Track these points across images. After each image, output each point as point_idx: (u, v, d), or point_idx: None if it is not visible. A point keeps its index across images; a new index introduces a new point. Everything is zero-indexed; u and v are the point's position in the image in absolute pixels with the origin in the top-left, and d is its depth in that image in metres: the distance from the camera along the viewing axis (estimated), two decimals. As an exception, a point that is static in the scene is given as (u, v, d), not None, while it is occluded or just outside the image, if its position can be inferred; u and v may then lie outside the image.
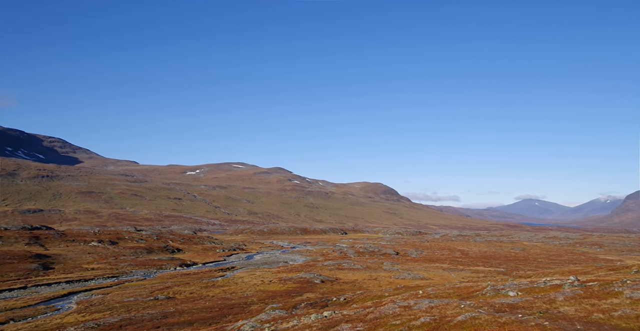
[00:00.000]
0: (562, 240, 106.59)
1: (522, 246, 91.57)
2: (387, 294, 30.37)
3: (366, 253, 71.88)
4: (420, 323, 12.87)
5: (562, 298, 16.31)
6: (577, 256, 70.76)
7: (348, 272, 49.88)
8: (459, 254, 72.91)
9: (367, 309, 17.01)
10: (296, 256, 70.78)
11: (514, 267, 55.47)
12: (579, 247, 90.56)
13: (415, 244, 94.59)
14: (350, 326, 13.11)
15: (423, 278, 45.46)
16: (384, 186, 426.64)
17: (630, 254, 76.54)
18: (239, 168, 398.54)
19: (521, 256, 70.91)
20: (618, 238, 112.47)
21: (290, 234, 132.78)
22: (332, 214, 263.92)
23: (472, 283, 34.85)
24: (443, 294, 25.68)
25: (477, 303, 16.86)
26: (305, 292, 35.57)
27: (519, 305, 15.76)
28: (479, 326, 11.40)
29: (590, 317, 12.32)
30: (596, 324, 11.43)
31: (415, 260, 64.06)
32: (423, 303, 16.22)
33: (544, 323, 11.64)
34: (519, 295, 19.50)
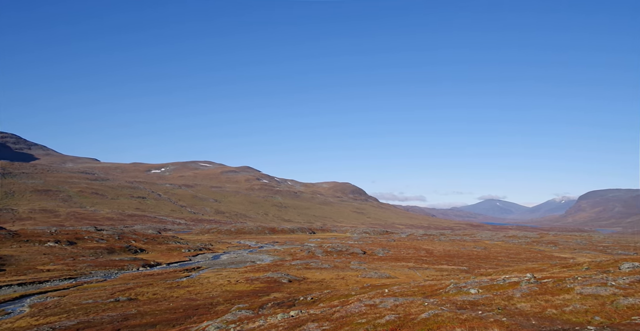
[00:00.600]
0: (521, 239, 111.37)
1: (483, 245, 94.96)
2: (354, 293, 30.67)
3: (334, 253, 72.32)
4: (385, 321, 13.07)
5: (519, 294, 17.02)
6: (535, 255, 74.15)
7: (316, 271, 50.01)
8: (424, 253, 74.70)
9: (334, 308, 17.11)
10: (264, 256, 70.24)
11: (476, 265, 57.41)
12: (536, 246, 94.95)
13: (382, 243, 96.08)
14: (317, 325, 13.14)
15: (389, 276, 46.23)
16: (352, 186, 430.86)
17: (581, 252, 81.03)
18: (206, 166, 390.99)
19: (483, 254, 73.51)
20: (571, 237, 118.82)
21: (258, 234, 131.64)
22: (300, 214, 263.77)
23: (436, 281, 35.78)
24: (408, 292, 26.22)
25: (440, 301, 17.32)
26: (273, 292, 35.37)
27: (480, 302, 16.31)
28: (441, 323, 11.71)
29: (544, 312, 12.92)
30: (549, 319, 12.01)
31: (382, 259, 65.06)
32: (388, 302, 16.49)
33: (502, 319, 12.10)
34: (480, 292, 20.20)
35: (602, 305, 12.91)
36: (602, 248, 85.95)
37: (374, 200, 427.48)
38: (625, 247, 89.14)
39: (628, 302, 12.64)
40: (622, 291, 14.51)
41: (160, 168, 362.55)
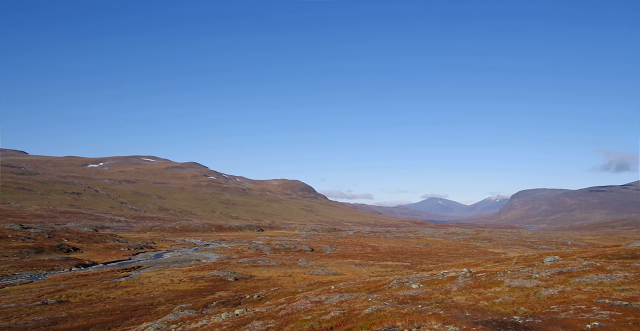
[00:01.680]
0: (460, 236, 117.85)
1: (426, 241, 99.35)
2: (300, 290, 30.83)
3: (282, 250, 72.17)
4: (330, 317, 13.28)
5: (455, 288, 18.02)
6: (471, 250, 78.84)
7: (263, 269, 49.62)
8: (371, 250, 76.73)
9: (280, 305, 17.10)
10: (210, 254, 68.49)
11: (419, 261, 59.93)
12: (473, 242, 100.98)
13: (330, 241, 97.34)
14: (262, 323, 13.06)
15: (336, 273, 46.98)
16: (301, 183, 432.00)
17: (512, 247, 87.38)
18: (150, 162, 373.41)
19: (425, 251, 76.92)
20: (504, 234, 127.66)
21: (205, 231, 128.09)
22: (249, 211, 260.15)
23: (381, 277, 36.93)
24: (353, 288, 26.82)
25: (384, 296, 17.91)
26: (218, 291, 34.61)
27: (420, 297, 17.07)
28: (384, 318, 12.11)
29: (477, 305, 13.80)
30: (481, 310, 12.85)
31: (330, 256, 65.94)
32: (334, 298, 16.76)
33: (440, 312, 12.76)
34: (421, 287, 21.14)
35: (527, 296, 14.02)
36: (529, 244, 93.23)
37: (323, 198, 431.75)
38: (549, 242, 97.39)
39: (548, 293, 13.83)
40: (544, 283, 15.86)
41: (98, 162, 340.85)
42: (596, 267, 18.20)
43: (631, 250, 28.22)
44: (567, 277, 16.76)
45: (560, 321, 10.21)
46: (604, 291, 13.17)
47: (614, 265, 18.49)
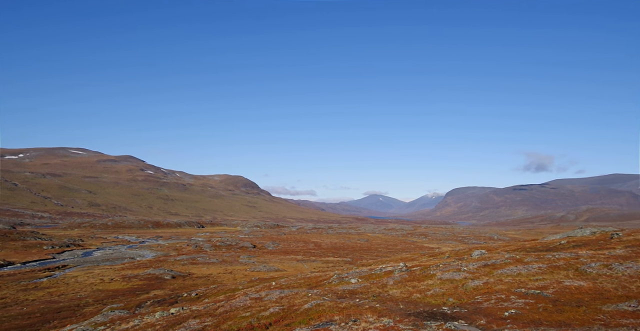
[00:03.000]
0: (398, 232, 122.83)
1: (366, 237, 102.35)
2: (241, 287, 30.43)
3: (223, 247, 70.65)
4: (269, 313, 13.27)
5: (392, 282, 18.80)
6: (409, 245, 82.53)
7: (203, 266, 48.27)
8: (313, 246, 77.54)
9: (219, 303, 16.76)
10: (145, 252, 65.28)
11: (359, 257, 61.61)
12: (410, 237, 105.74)
13: (273, 237, 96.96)
14: (198, 321, 12.73)
15: (278, 270, 46.93)
16: (245, 179, 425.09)
17: (446, 242, 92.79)
18: (79, 154, 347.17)
19: (365, 246, 79.23)
20: (438, 229, 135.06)
21: (140, 228, 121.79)
22: (189, 207, 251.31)
23: (322, 272, 37.48)
24: (294, 284, 26.98)
25: (323, 291, 18.22)
26: (153, 289, 33.15)
27: (358, 291, 17.59)
28: (322, 312, 12.34)
29: (411, 297, 14.52)
30: (414, 303, 13.55)
31: (272, 253, 65.70)
32: (274, 294, 16.76)
33: (376, 305, 13.26)
34: (359, 281, 21.79)
35: (456, 287, 14.99)
36: (461, 239, 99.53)
37: (266, 194, 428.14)
38: (478, 237, 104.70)
39: (474, 284, 14.90)
40: (471, 275, 17.05)
41: (17, 154, 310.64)
42: (516, 260, 19.87)
43: (546, 244, 31.15)
44: (491, 269, 18.15)
45: (483, 310, 11.05)
46: (521, 282, 14.44)
47: (530, 257, 20.30)
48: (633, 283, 12.16)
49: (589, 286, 12.24)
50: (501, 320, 9.64)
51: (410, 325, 9.70)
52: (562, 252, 21.41)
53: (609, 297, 10.74)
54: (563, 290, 12.16)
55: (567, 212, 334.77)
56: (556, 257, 19.01)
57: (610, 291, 11.37)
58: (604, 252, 19.33)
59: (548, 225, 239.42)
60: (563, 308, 10.14)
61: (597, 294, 11.25)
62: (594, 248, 22.61)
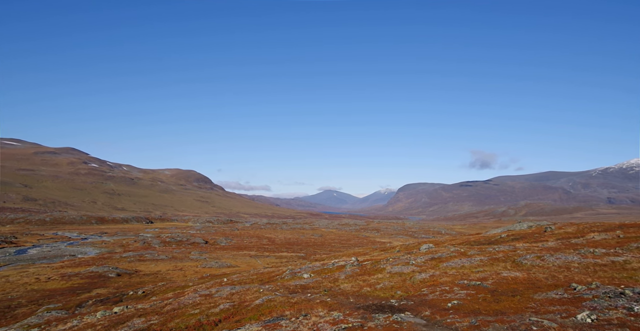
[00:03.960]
0: (352, 227, 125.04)
1: (320, 232, 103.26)
2: (191, 284, 29.65)
3: (173, 243, 68.42)
4: (219, 310, 13.05)
5: (343, 276, 19.13)
6: (361, 240, 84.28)
7: (151, 263, 46.48)
8: (267, 241, 77.07)
9: (166, 301, 16.23)
10: (88, 249, 61.74)
11: (313, 252, 62.06)
12: (363, 232, 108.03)
13: (226, 233, 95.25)
14: (144, 320, 12.25)
15: (230, 265, 46.20)
16: (197, 174, 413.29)
17: (397, 236, 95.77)
18: (13, 145, 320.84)
19: (319, 241, 79.92)
20: (390, 224, 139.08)
21: (83, 224, 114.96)
22: (137, 202, 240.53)
23: (275, 268, 37.37)
24: (247, 280, 26.70)
25: (275, 287, 18.19)
26: (96, 288, 31.47)
27: (310, 286, 17.73)
28: (273, 308, 12.32)
29: (361, 291, 14.86)
30: (364, 296, 13.88)
31: (225, 248, 64.54)
32: (225, 291, 16.49)
33: (327, 299, 13.44)
34: (312, 276, 21.96)
35: (404, 281, 15.53)
36: (411, 233, 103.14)
37: (219, 189, 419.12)
38: (427, 231, 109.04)
39: (421, 277, 15.52)
40: (419, 269, 17.74)
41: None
42: (460, 253, 20.92)
43: (488, 237, 33.04)
44: (438, 262, 18.97)
45: (428, 301, 11.54)
46: (464, 274, 15.23)
47: (474, 250, 21.46)
48: (561, 273, 13.21)
49: (524, 277, 13.14)
50: (444, 311, 10.12)
51: (359, 318, 9.92)
52: (502, 245, 22.82)
53: (540, 286, 11.60)
54: (501, 281, 12.96)
55: (508, 207, 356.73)
56: (496, 250, 20.23)
57: (542, 281, 12.28)
58: (538, 245, 20.82)
59: (491, 220, 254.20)
60: (500, 297, 10.82)
61: (531, 284, 12.11)
62: (529, 241, 24.29)
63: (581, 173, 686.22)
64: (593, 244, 18.04)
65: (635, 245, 16.13)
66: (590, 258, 15.00)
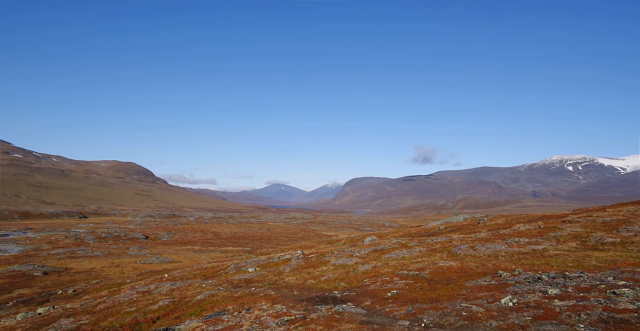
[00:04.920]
0: (299, 220, 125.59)
1: (267, 226, 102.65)
2: (129, 281, 28.25)
3: (110, 239, 64.65)
4: (157, 306, 12.57)
5: (288, 269, 19.21)
6: (308, 234, 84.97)
7: (84, 260, 43.61)
8: (212, 236, 75.25)
9: (100, 299, 15.33)
10: (9, 246, 56.56)
11: (259, 246, 61.58)
12: (310, 226, 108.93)
13: (168, 227, 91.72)
14: (72, 320, 11.48)
15: (172, 261, 44.61)
16: (137, 166, 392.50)
17: (343, 230, 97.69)
18: None
19: (266, 235, 79.44)
20: (337, 218, 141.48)
21: (4, 219, 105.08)
22: (68, 195, 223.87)
23: (220, 262, 36.65)
24: (189, 275, 25.94)
25: (219, 281, 17.85)
26: (18, 288, 28.98)
27: (254, 280, 17.61)
28: (215, 303, 12.09)
29: (305, 283, 15.01)
30: (308, 288, 14.04)
31: (167, 244, 62.15)
32: (165, 287, 15.91)
33: (271, 292, 13.42)
34: (257, 270, 21.81)
35: (347, 272, 15.91)
36: (357, 226, 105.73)
37: (162, 182, 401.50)
38: (372, 224, 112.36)
39: (364, 269, 15.99)
40: (362, 260, 18.25)
41: None
42: (401, 244, 21.80)
43: (427, 229, 34.73)
44: (380, 254, 19.64)
45: (370, 292, 11.93)
46: (404, 264, 15.90)
47: (414, 242, 22.46)
48: (490, 262, 14.23)
49: (458, 266, 13.99)
50: (384, 300, 10.51)
51: (302, 310, 10.03)
52: (440, 237, 24.09)
53: (471, 274, 12.42)
54: (437, 270, 13.70)
55: (447, 200, 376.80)
56: (434, 241, 21.33)
57: (473, 269, 13.15)
58: (471, 236, 22.24)
59: (432, 213, 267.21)
60: (436, 286, 11.45)
61: (463, 272, 12.92)
62: (464, 232, 25.87)
63: (511, 168, 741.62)
64: (518, 234, 19.59)
65: (553, 235, 17.76)
66: (516, 247, 16.29)
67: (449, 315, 8.24)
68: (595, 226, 18.70)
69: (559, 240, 16.74)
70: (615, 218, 20.14)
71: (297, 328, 8.44)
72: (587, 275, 9.96)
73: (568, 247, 15.41)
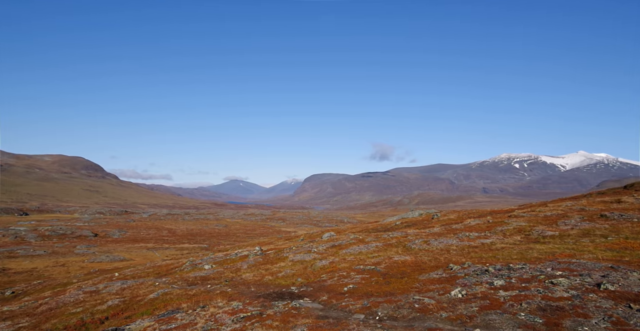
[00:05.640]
0: (258, 216, 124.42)
1: (225, 223, 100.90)
2: (75, 280, 26.78)
3: (54, 237, 60.89)
4: (107, 306, 12.02)
5: (246, 266, 19.01)
6: (267, 230, 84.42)
7: (24, 260, 40.79)
8: (167, 233, 72.89)
9: (42, 300, 14.42)
10: (-61, 246, 51.79)
11: (216, 242, 60.40)
12: (269, 222, 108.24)
13: (120, 224, 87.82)
14: (10, 324, 10.72)
15: (124, 259, 42.79)
16: (85, 161, 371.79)
17: (302, 226, 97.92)
18: None
19: (224, 232, 78.05)
20: (296, 214, 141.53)
21: None
22: (7, 191, 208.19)
23: (175, 260, 35.60)
24: (142, 274, 24.99)
25: (173, 279, 17.35)
26: (-51, 293, 26.61)
27: (211, 277, 17.27)
28: (169, 301, 11.74)
29: (263, 280, 14.93)
30: (265, 285, 13.98)
31: (118, 241, 59.48)
32: (115, 286, 15.24)
33: (227, 289, 13.23)
34: (213, 267, 21.40)
35: (305, 268, 15.98)
36: (315, 222, 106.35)
37: (113, 178, 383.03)
38: (331, 220, 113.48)
39: (321, 264, 16.13)
40: (320, 256, 18.40)
41: None
42: (359, 240, 22.20)
43: (385, 225, 35.60)
44: (338, 250, 19.89)
45: (327, 287, 12.06)
46: (361, 259, 16.21)
47: (371, 237, 22.94)
48: (442, 255, 14.83)
49: (412, 260, 14.46)
50: (340, 295, 10.67)
51: (259, 306, 9.98)
52: (396, 232, 24.77)
53: (424, 268, 12.89)
54: (392, 265, 14.09)
55: (403, 196, 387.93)
56: (390, 236, 21.89)
57: (426, 263, 13.65)
58: (425, 231, 23.04)
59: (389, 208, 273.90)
60: (390, 280, 11.77)
61: (417, 266, 13.38)
62: (419, 227, 26.77)
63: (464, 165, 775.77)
64: (469, 229, 20.54)
65: (500, 229, 18.79)
66: (466, 241, 17.08)
67: (402, 307, 8.51)
68: (537, 220, 19.97)
69: (505, 234, 17.74)
70: (555, 212, 21.61)
71: (253, 324, 8.38)
72: (529, 267, 10.63)
73: (513, 240, 16.36)
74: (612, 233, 15.14)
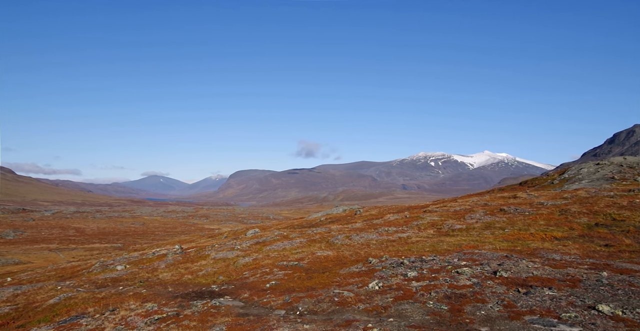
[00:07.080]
0: (179, 214, 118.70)
1: (142, 221, 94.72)
2: (-44, 290, 23.27)
3: None
4: (-4, 318, 10.62)
5: (163, 265, 18.04)
6: (189, 227, 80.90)
7: None
8: (74, 232, 66.48)
9: None
10: None
11: (132, 241, 56.47)
12: (191, 219, 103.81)
13: (15, 224, 78.14)
14: None
15: (20, 262, 38.20)
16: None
17: (227, 223, 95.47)
18: None
19: (141, 230, 73.21)
20: (220, 211, 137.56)
21: None
22: None
23: (82, 261, 32.64)
24: (42, 278, 22.54)
25: (79, 282, 15.89)
26: None
27: (123, 278, 16.12)
28: (73, 306, 10.73)
29: (182, 279, 14.30)
30: (184, 284, 13.40)
31: (13, 243, 52.88)
32: (5, 292, 13.55)
33: (142, 291, 12.44)
34: (127, 268, 19.98)
35: (227, 266, 15.62)
36: (241, 219, 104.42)
37: (8, 172, 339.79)
38: (257, 217, 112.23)
39: (244, 261, 15.89)
40: (243, 253, 18.11)
41: None
42: (283, 236, 22.25)
43: (310, 221, 36.11)
44: (262, 246, 19.73)
45: (249, 284, 11.91)
46: (285, 255, 16.27)
47: (295, 233, 23.11)
48: (363, 250, 15.45)
49: (334, 255, 14.85)
50: (262, 292, 10.61)
51: (176, 307, 9.54)
52: (320, 228, 25.25)
53: (346, 262, 13.31)
54: (315, 260, 14.34)
55: (328, 192, 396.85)
56: (314, 232, 22.26)
57: (347, 258, 14.11)
58: (348, 226, 23.82)
59: (314, 205, 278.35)
60: (313, 275, 11.97)
61: (339, 261, 13.77)
62: (343, 223, 27.58)
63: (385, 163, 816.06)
64: (388, 224, 21.65)
65: (416, 223, 20.08)
66: (385, 235, 17.98)
67: (322, 301, 8.71)
68: (448, 215, 21.68)
69: (420, 228, 18.99)
70: (463, 207, 23.64)
71: (169, 326, 7.99)
72: (439, 258, 11.51)
73: (427, 234, 17.59)
74: (509, 225, 16.98)
